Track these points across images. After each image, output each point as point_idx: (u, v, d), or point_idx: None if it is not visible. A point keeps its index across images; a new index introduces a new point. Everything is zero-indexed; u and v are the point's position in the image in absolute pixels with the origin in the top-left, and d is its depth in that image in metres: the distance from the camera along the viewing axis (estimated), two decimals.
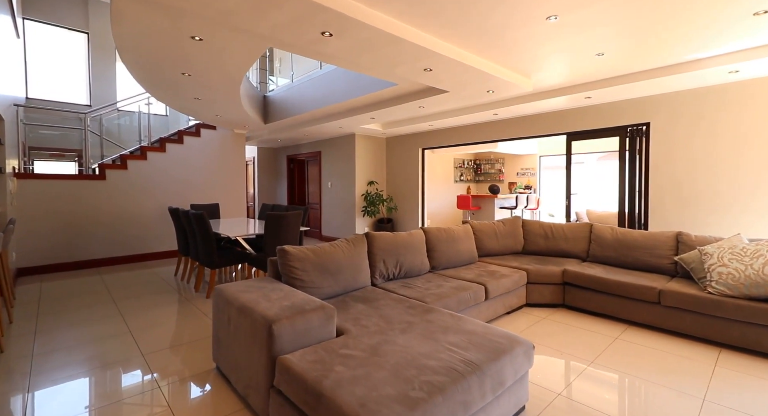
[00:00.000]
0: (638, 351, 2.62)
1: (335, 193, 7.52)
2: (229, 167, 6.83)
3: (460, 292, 2.85)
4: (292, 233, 3.91)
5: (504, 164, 9.09)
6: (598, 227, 3.87)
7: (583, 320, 3.23)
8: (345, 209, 7.25)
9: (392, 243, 3.15)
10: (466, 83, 3.44)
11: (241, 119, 5.77)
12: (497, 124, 5.61)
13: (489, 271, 3.44)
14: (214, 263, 3.89)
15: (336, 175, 7.48)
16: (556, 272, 3.52)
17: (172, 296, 3.97)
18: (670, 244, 3.37)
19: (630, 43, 2.78)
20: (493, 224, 4.16)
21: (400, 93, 4.18)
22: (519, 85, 3.52)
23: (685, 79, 3.47)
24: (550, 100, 4.31)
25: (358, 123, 5.70)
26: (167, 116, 9.40)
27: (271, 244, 3.76)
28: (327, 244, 2.79)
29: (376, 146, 7.35)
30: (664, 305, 2.90)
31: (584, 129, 4.74)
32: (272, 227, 3.72)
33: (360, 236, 3.01)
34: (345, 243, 2.87)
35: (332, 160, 7.57)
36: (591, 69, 3.33)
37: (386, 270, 3.09)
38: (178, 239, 4.76)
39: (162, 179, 6.09)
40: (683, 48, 2.88)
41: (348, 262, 2.78)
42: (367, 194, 7.01)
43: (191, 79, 3.78)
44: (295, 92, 5.51)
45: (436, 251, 3.51)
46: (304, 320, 1.87)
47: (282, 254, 2.52)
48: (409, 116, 5.38)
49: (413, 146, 6.90)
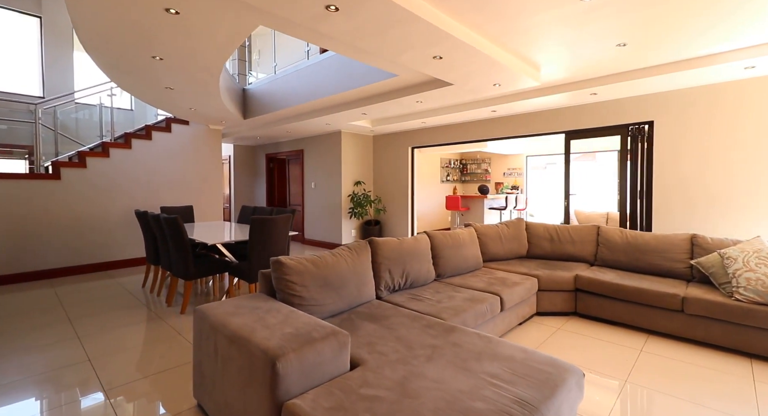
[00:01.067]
0: (670, 365, 2.42)
1: (319, 194, 7.11)
2: (204, 166, 6.28)
3: (476, 304, 2.56)
4: (280, 240, 3.51)
5: (490, 163, 8.97)
6: (605, 230, 3.70)
7: (600, 330, 3.03)
8: (330, 211, 6.86)
9: (398, 251, 2.83)
10: (473, 75, 3.17)
11: (219, 113, 5.28)
12: (492, 122, 5.40)
13: (498, 278, 3.18)
14: (190, 274, 3.43)
15: (320, 175, 7.07)
16: (567, 278, 3.31)
17: (140, 313, 3.47)
18: (685, 247, 3.23)
19: (655, 33, 2.59)
20: (496, 227, 3.91)
21: (399, 86, 3.86)
22: (527, 78, 3.29)
23: (697, 75, 3.35)
24: (550, 97, 4.12)
25: (348, 119, 5.34)
26: (132, 110, 8.67)
27: (257, 251, 3.34)
28: (327, 253, 2.44)
29: (363, 145, 7.00)
30: (688, 314, 2.73)
31: (583, 127, 4.59)
32: (259, 233, 3.31)
33: (363, 244, 2.67)
34: (347, 252, 2.52)
35: (316, 159, 7.15)
36: (607, 61, 3.13)
37: (392, 281, 2.76)
38: (147, 247, 4.23)
39: (127, 179, 5.49)
40: (705, 39, 2.72)
41: (352, 274, 2.43)
42: (353, 195, 6.65)
43: (163, 64, 3.31)
44: (278, 85, 5.08)
45: (442, 258, 3.22)
46: (314, 352, 1.51)
47: (277, 267, 2.14)
48: (402, 112, 5.07)
49: (402, 145, 6.61)
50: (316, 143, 7.12)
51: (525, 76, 3.24)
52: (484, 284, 3.02)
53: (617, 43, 2.74)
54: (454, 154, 9.25)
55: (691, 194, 3.85)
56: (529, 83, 3.45)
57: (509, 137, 5.28)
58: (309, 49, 4.80)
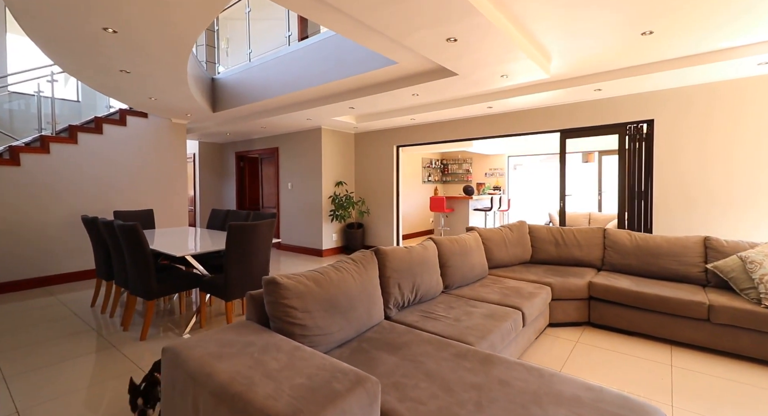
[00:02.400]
0: (709, 383, 2.21)
1: (297, 195, 6.59)
2: (166, 164, 5.59)
3: (500, 322, 2.24)
4: (262, 249, 3.03)
5: (472, 164, 8.81)
6: (612, 232, 3.53)
7: (619, 342, 2.81)
8: (309, 214, 6.36)
9: (407, 261, 2.46)
10: (484, 63, 2.86)
11: (185, 104, 4.66)
12: (483, 120, 5.16)
13: (511, 288, 2.90)
14: (152, 292, 2.87)
15: (298, 175, 6.55)
16: (581, 285, 3.08)
17: (88, 340, 2.86)
18: (698, 250, 3.09)
19: (683, 21, 2.39)
20: (500, 230, 3.64)
21: (397, 75, 3.48)
22: (538, 69, 3.03)
23: (707, 72, 3.23)
24: (548, 93, 3.92)
25: (332, 114, 4.89)
26: (79, 101, 7.72)
27: (235, 263, 2.85)
28: (329, 268, 2.02)
29: (344, 143, 6.56)
30: (715, 323, 2.56)
31: (580, 126, 4.44)
32: (237, 242, 2.81)
33: (369, 255, 2.27)
34: (353, 265, 2.11)
35: (293, 157, 6.63)
36: (626, 52, 2.89)
37: (402, 297, 2.38)
38: (97, 259, 3.58)
39: (72, 179, 4.73)
40: (728, 30, 2.56)
41: (361, 292, 2.03)
42: (335, 197, 6.19)
43: (117, 38, 2.74)
44: (254, 75, 4.55)
45: (450, 267, 2.88)
46: (338, 413, 1.11)
47: (273, 289, 1.70)
48: (393, 107, 4.71)
49: (387, 143, 6.24)
50: (293, 140, 6.60)
51: (536, 67, 2.98)
52: (499, 296, 2.72)
53: (643, 31, 2.52)
54: (435, 154, 9.01)
55: (692, 194, 3.77)
56: (538, 76, 3.20)
57: (502, 135, 5.06)
58: (290, 34, 4.32)
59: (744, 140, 3.51)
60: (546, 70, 3.12)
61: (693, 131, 3.74)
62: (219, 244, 3.22)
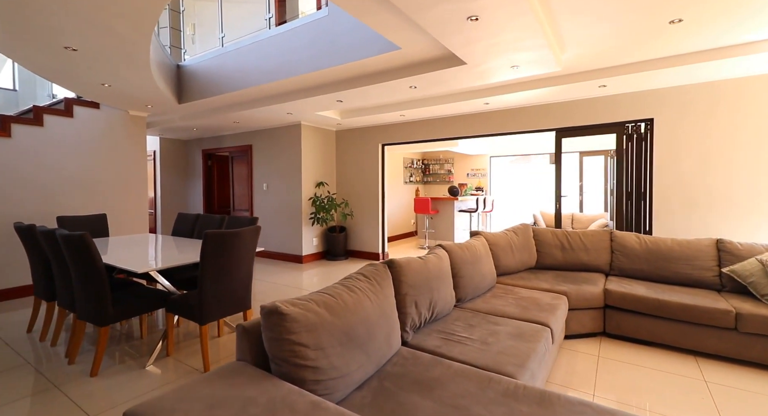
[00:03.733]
0: (756, 401, 2.03)
1: (273, 197, 6.07)
2: (122, 163, 4.91)
3: (532, 343, 1.94)
4: (245, 261, 2.58)
5: (454, 164, 8.63)
6: (620, 235, 3.37)
7: (641, 354, 2.62)
8: (287, 217, 5.87)
9: (424, 274, 2.11)
10: (498, 51, 2.58)
11: (146, 94, 4.07)
12: (476, 117, 4.93)
13: (527, 299, 2.63)
14: (106, 317, 2.35)
15: (274, 175, 6.04)
16: (596, 293, 2.87)
17: (23, 378, 2.29)
18: (712, 253, 2.98)
19: (717, 8, 2.21)
20: (505, 234, 3.38)
21: (397, 63, 3.11)
22: (551, 60, 2.80)
23: (720, 68, 3.12)
24: (550, 89, 3.74)
25: (317, 107, 4.46)
26: (16, 90, 6.78)
27: (213, 279, 2.38)
28: (339, 287, 1.64)
29: (325, 141, 6.12)
30: (743, 332, 2.42)
31: (576, 125, 4.30)
32: (216, 253, 2.35)
33: (382, 270, 1.90)
34: (366, 283, 1.74)
35: (269, 156, 6.10)
36: (647, 43, 2.70)
37: (419, 317, 2.04)
38: (35, 275, 2.97)
39: (4, 179, 4.00)
40: (753, 22, 2.43)
41: (380, 316, 1.66)
42: (316, 198, 5.75)
43: (62, 3, 2.20)
44: (227, 62, 4.04)
45: (463, 278, 2.57)
46: None
47: (275, 322, 1.30)
48: (384, 102, 4.35)
49: (372, 141, 5.88)
50: (269, 137, 6.07)
51: (551, 58, 2.74)
52: (518, 310, 2.44)
53: (671, 19, 2.33)
54: (416, 153, 8.75)
55: (693, 195, 3.70)
56: (548, 68, 2.97)
57: (494, 134, 4.84)
58: (271, 16, 3.85)
59: (745, 140, 3.47)
60: (558, 62, 2.89)
61: (694, 131, 3.67)
62: (190, 255, 2.72)
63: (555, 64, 2.87)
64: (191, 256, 2.70)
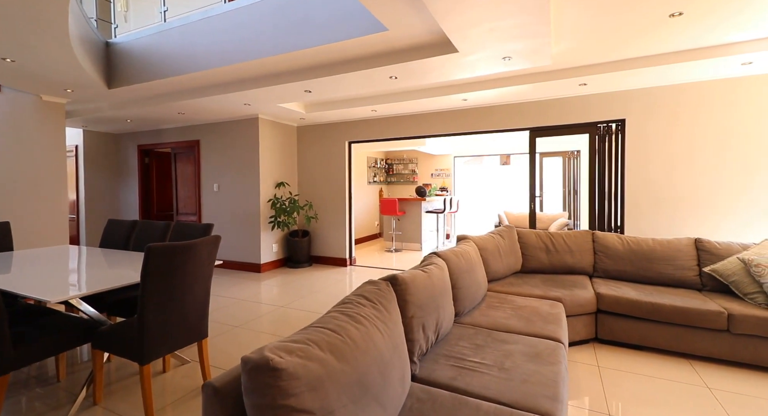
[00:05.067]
0: (761, 406, 1.97)
1: (226, 199, 5.42)
2: (33, 159, 4.03)
3: (554, 366, 1.71)
4: (201, 280, 2.08)
5: (418, 164, 8.46)
6: (602, 236, 3.32)
7: (636, 360, 2.53)
8: (243, 221, 5.26)
9: (430, 290, 1.80)
10: (496, 38, 2.33)
11: (64, 73, 3.32)
12: (449, 115, 4.73)
13: (525, 309, 2.43)
14: (4, 362, 1.74)
15: (227, 174, 5.39)
16: (589, 298, 2.76)
17: None
18: (691, 253, 3.00)
19: (711, 4, 2.15)
20: (492, 238, 3.18)
21: (380, 49, 2.75)
22: (547, 52, 2.63)
23: (688, 70, 3.18)
24: (527, 86, 3.63)
25: (280, 98, 3.96)
26: None
27: (159, 305, 1.87)
28: (340, 316, 1.27)
29: (285, 137, 5.59)
30: (735, 334, 2.40)
31: (550, 124, 4.26)
32: (163, 271, 1.84)
33: (385, 289, 1.55)
34: (370, 308, 1.39)
35: (220, 153, 5.44)
36: (641, 38, 2.63)
37: (426, 342, 1.72)
38: None
39: None
40: (735, 22, 2.43)
41: (393, 351, 1.32)
42: (276, 200, 5.21)
43: None
44: (171, 40, 3.43)
45: (461, 289, 2.30)
46: None
47: (265, 382, 0.90)
48: (356, 94, 3.98)
49: (338, 138, 5.46)
50: (221, 131, 5.41)
51: (546, 51, 2.57)
52: (521, 322, 2.22)
53: (671, 12, 2.24)
54: (380, 153, 8.45)
55: (661, 195, 3.78)
56: (540, 62, 2.81)
57: (468, 132, 4.69)
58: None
59: (707, 141, 3.60)
60: (550, 55, 2.73)
61: (661, 132, 3.75)
62: (127, 273, 2.17)
63: (547, 56, 2.71)
64: (128, 275, 2.14)
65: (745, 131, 3.46)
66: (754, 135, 3.44)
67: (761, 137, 3.41)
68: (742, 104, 3.46)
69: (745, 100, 3.44)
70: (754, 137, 3.44)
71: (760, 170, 3.43)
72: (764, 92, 3.38)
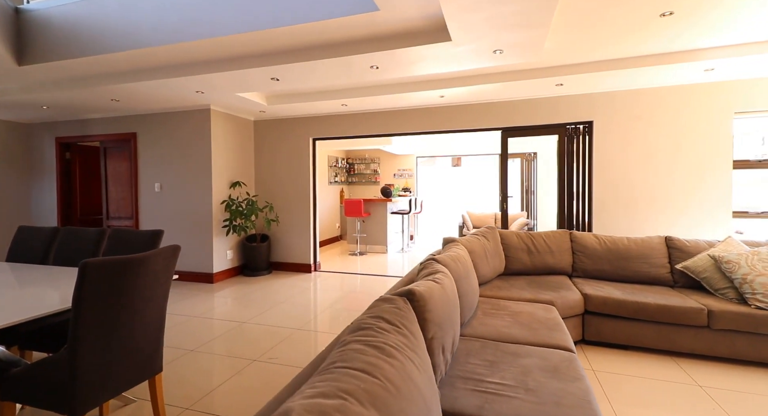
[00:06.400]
0: (756, 402, 2.01)
1: (171, 200, 4.77)
2: None
3: (578, 382, 1.56)
4: (157, 301, 1.66)
5: (380, 164, 8.24)
6: (579, 236, 3.34)
7: (628, 361, 2.53)
8: (192, 226, 4.66)
9: (446, 305, 1.57)
10: (496, 26, 2.16)
11: None
12: (422, 112, 4.57)
13: (522, 315, 2.31)
14: None
15: (172, 172, 4.74)
16: (578, 299, 2.72)
17: None
18: (663, 251, 3.10)
19: (708, 4, 2.18)
20: (478, 240, 3.04)
21: (367, 32, 2.44)
22: (540, 46, 2.53)
23: (662, 73, 3.29)
24: (501, 84, 3.59)
25: (240, 86, 3.49)
26: None
27: (97, 337, 1.43)
28: (368, 349, 0.99)
29: (241, 131, 5.06)
30: (714, 329, 2.48)
31: (521, 125, 4.27)
32: (106, 293, 1.41)
33: (404, 306, 1.30)
34: (397, 335, 1.13)
35: (163, 148, 4.78)
36: (627, 39, 2.63)
37: (445, 366, 1.49)
38: None
39: None
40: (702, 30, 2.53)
41: (429, 386, 1.06)
42: (231, 202, 4.68)
43: None
44: (104, 9, 2.85)
45: (461, 298, 2.09)
46: None
47: None
48: (327, 86, 3.64)
49: (301, 135, 5.05)
50: (163, 123, 4.75)
51: (540, 44, 2.47)
52: (524, 331, 2.08)
53: (662, 11, 2.24)
54: (341, 152, 8.11)
55: (625, 194, 3.93)
56: (532, 55, 2.69)
57: (440, 131, 4.56)
58: None
59: (663, 143, 3.80)
60: (542, 51, 2.65)
61: (625, 134, 3.90)
62: (50, 297, 1.67)
63: (539, 51, 2.61)
64: (50, 298, 1.65)
65: (697, 135, 3.70)
66: (705, 138, 3.68)
67: (710, 140, 3.66)
68: (695, 109, 3.69)
69: (698, 106, 3.67)
70: (705, 141, 3.68)
71: (710, 171, 3.68)
72: (715, 98, 3.62)
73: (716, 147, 3.65)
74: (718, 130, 3.63)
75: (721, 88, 3.58)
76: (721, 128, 3.62)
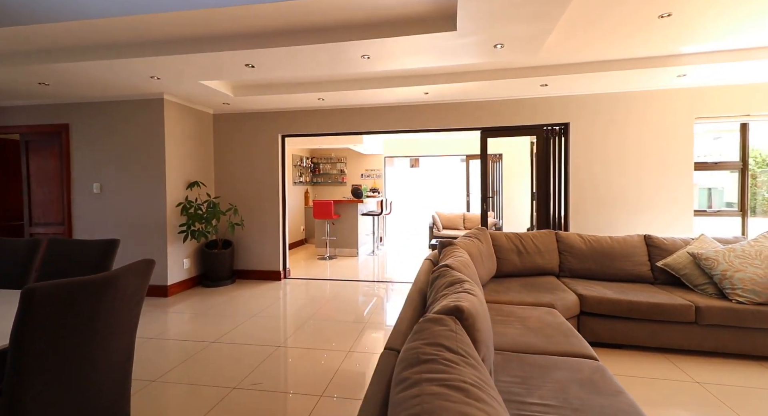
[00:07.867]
0: (761, 395, 2.07)
1: (113, 203, 4.14)
2: None
3: (619, 395, 1.47)
4: (124, 331, 1.29)
5: (347, 163, 7.94)
6: (565, 236, 3.35)
7: (624, 360, 2.54)
8: (142, 232, 4.07)
9: (486, 318, 1.39)
10: (506, 16, 2.04)
11: None
12: (399, 110, 4.39)
13: (528, 319, 2.22)
14: None
15: (115, 171, 4.11)
16: (573, 300, 2.69)
17: None
18: (644, 249, 3.20)
19: (708, 5, 2.22)
20: (472, 242, 2.92)
21: (361, 17, 2.17)
22: (541, 42, 2.46)
23: (637, 77, 3.40)
24: (484, 82, 3.53)
25: (204, 73, 3.05)
26: None
27: (47, 381, 1.05)
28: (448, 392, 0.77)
29: (198, 126, 4.53)
30: (702, 325, 2.56)
31: (500, 125, 4.26)
32: (57, 325, 1.04)
33: (455, 327, 1.09)
34: (469, 369, 0.93)
35: (104, 143, 4.13)
36: (621, 41, 2.64)
37: None
38: None
39: None
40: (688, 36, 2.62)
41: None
42: (189, 204, 4.16)
43: None
44: None
45: None
46: None
47: None
48: (305, 76, 3.32)
49: (268, 131, 4.64)
50: (103, 113, 4.10)
51: (541, 40, 2.39)
52: (539, 339, 1.97)
53: (660, 13, 2.26)
54: (304, 150, 7.69)
55: (600, 195, 4.04)
56: (532, 51, 2.59)
57: (420, 130, 4.42)
58: None
59: (632, 146, 3.96)
60: (542, 48, 2.58)
61: (599, 136, 4.02)
62: None
63: (539, 47, 2.53)
64: None
65: (662, 138, 3.90)
66: (669, 142, 3.89)
67: (674, 143, 3.88)
68: (662, 114, 3.89)
69: (664, 111, 3.88)
70: (670, 144, 3.90)
71: (676, 173, 3.90)
72: (680, 104, 3.84)
73: (679, 150, 3.88)
74: (682, 134, 3.86)
75: (685, 94, 3.81)
76: (684, 132, 3.85)
